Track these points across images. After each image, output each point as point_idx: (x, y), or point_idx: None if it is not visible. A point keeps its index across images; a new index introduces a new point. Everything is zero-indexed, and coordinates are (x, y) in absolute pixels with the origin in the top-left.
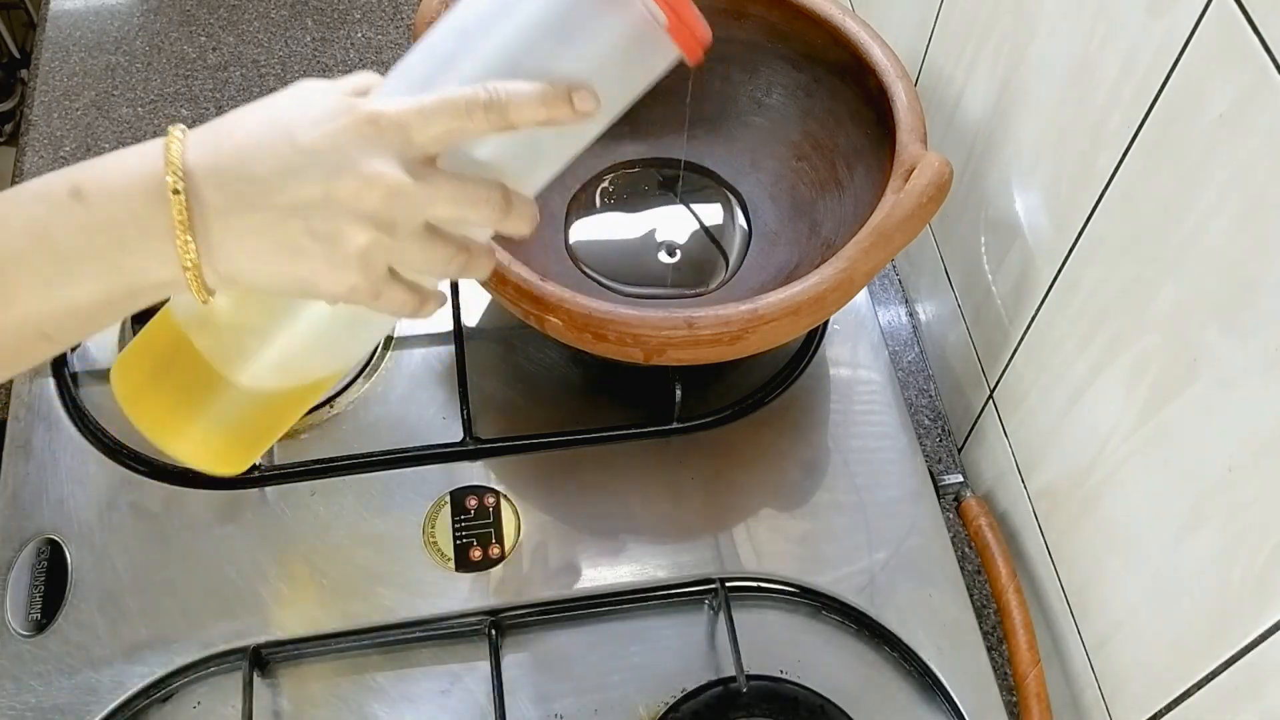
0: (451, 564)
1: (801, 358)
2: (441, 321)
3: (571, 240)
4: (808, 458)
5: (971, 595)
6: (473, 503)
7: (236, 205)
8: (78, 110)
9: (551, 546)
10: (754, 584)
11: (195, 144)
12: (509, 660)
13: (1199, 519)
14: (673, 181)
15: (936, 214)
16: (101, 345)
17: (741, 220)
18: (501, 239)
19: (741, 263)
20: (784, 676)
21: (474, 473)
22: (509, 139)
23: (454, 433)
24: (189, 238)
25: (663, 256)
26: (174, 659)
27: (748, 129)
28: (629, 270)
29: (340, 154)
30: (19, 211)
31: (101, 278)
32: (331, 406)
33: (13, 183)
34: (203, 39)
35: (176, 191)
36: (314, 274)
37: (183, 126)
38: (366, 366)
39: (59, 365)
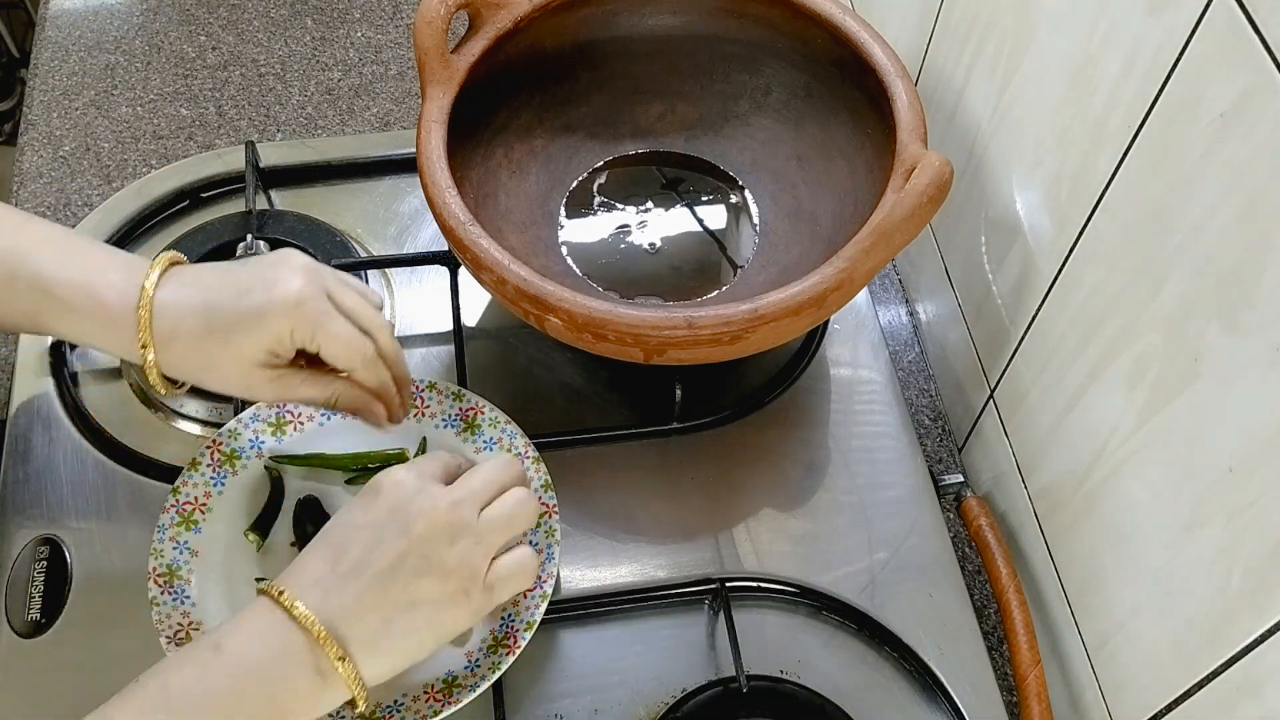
0: None
1: (801, 358)
2: (441, 321)
3: (569, 240)
4: (808, 458)
5: (971, 595)
6: None
7: (357, 607)
8: (77, 110)
9: None
10: (754, 584)
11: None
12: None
13: (1199, 519)
14: (673, 180)
15: (937, 213)
16: None
17: (743, 220)
18: (500, 239)
19: (744, 263)
20: (784, 676)
21: None
22: None
23: None
24: (351, 667)
25: (660, 259)
26: None
27: (748, 128)
28: (627, 273)
29: (400, 509)
30: (175, 677)
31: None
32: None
33: (12, 183)
34: (202, 39)
35: (322, 636)
36: (438, 612)
37: (281, 590)
38: None
39: (59, 365)
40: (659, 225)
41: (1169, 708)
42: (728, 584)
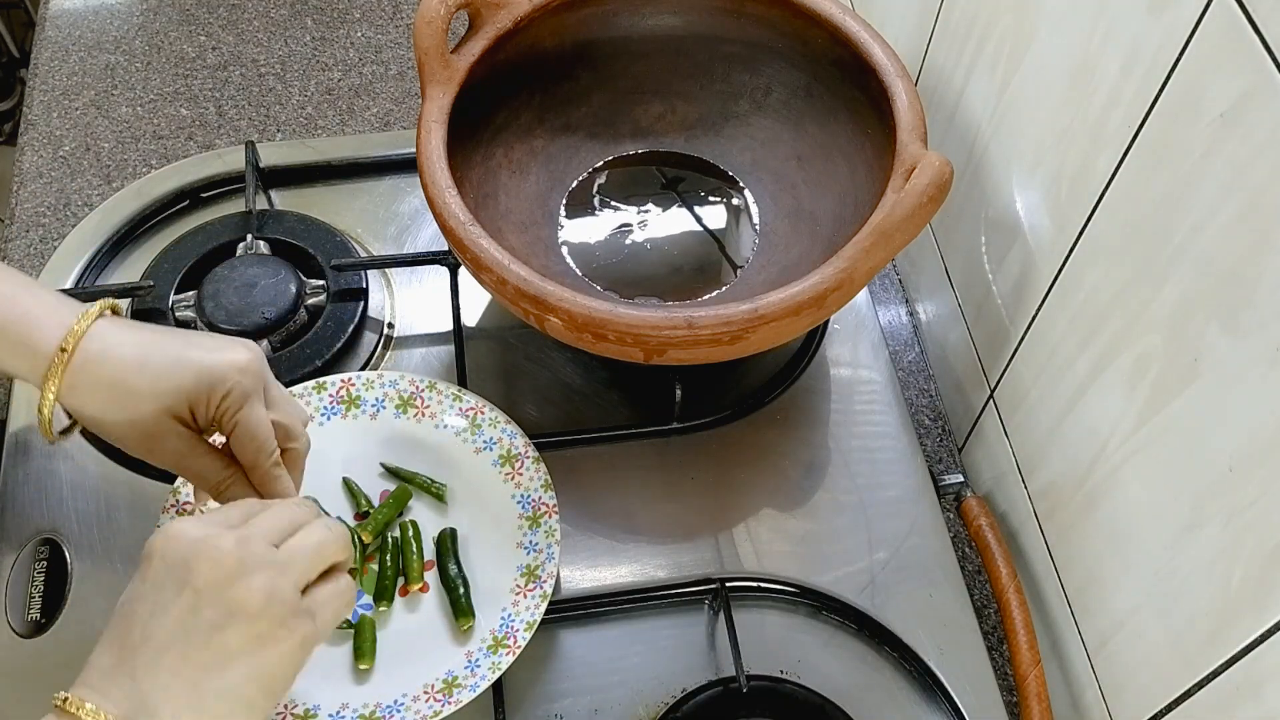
0: None
1: (801, 358)
2: (441, 321)
3: (569, 240)
4: (808, 458)
5: (971, 595)
6: None
7: (158, 683)
8: (77, 110)
9: None
10: (754, 584)
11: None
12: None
13: (1199, 519)
14: (673, 180)
15: (937, 213)
16: None
17: (743, 220)
18: (500, 239)
19: (744, 263)
20: (784, 676)
21: None
22: None
23: None
24: None
25: (660, 259)
26: None
27: (748, 128)
28: (627, 273)
29: (178, 564)
30: None
31: None
32: None
33: (12, 183)
34: (202, 39)
35: None
36: (258, 657)
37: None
38: (366, 366)
39: None
40: (659, 225)
41: (1169, 708)
42: (728, 584)
